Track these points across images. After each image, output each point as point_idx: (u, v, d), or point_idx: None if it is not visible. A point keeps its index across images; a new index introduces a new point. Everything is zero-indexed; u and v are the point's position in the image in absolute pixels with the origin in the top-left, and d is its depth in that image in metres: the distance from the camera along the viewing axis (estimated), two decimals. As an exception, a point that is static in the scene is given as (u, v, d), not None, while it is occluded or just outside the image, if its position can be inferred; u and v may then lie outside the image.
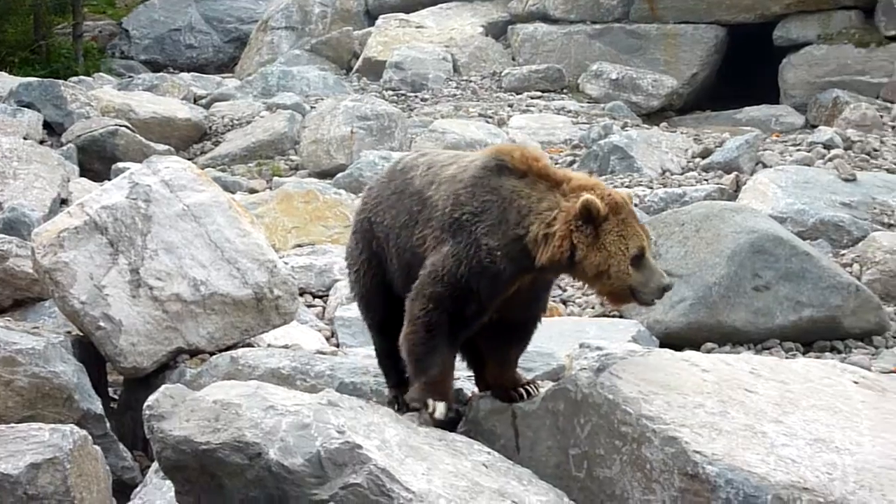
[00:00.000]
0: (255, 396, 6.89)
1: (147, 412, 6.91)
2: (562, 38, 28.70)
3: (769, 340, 13.23)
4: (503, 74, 27.45)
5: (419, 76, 27.12)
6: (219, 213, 10.51)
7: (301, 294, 13.21)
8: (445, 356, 7.33)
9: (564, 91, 26.85)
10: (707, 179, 19.03)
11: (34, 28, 34.13)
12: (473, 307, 7.23)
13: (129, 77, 29.65)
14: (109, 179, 13.33)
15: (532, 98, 25.88)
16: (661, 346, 11.70)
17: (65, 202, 16.53)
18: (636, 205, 16.02)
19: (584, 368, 7.53)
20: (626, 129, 22.33)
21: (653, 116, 25.76)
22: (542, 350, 9.02)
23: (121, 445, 9.66)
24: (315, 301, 14.11)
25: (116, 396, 10.77)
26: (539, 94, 26.27)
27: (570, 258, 7.04)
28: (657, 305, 13.13)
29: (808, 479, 6.57)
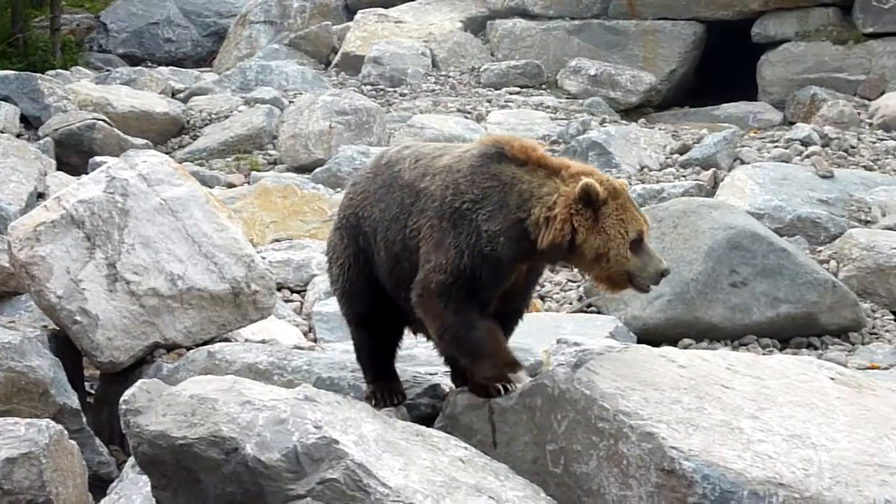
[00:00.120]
0: (232, 391, 6.88)
1: (123, 407, 6.90)
2: (540, 34, 28.69)
3: (746, 337, 13.27)
4: (482, 70, 27.43)
5: (398, 71, 27.08)
6: (196, 208, 10.48)
7: (279, 289, 13.19)
8: (488, 326, 7.33)
9: (543, 87, 26.83)
10: (685, 176, 19.06)
11: (11, 21, 33.95)
12: (483, 295, 7.28)
13: (107, 71, 29.56)
14: (87, 173, 13.31)
15: (510, 94, 25.87)
16: (639, 342, 11.72)
17: (42, 196, 16.47)
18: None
19: (562, 364, 7.55)
20: (605, 125, 22.35)
21: (631, 112, 25.75)
22: (520, 345, 9.01)
23: (97, 440, 9.63)
24: (293, 296, 14.10)
25: (93, 391, 10.73)
26: (517, 90, 26.25)
27: (571, 242, 7.13)
28: (635, 301, 13.26)
29: (785, 475, 6.59)
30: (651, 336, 12.60)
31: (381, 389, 7.90)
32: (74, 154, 20.49)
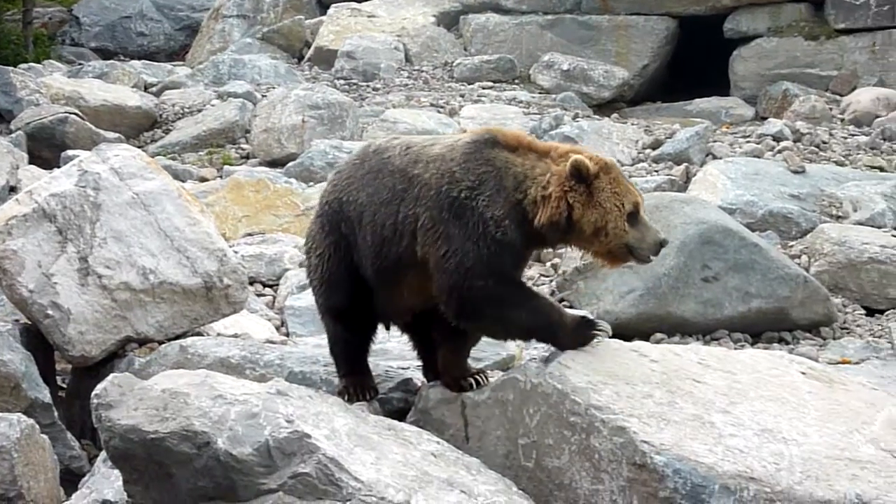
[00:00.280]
0: (204, 385, 6.88)
1: (95, 401, 6.89)
2: (514, 29, 28.70)
3: (718, 331, 13.29)
4: (455, 64, 27.42)
5: (371, 65, 27.05)
6: (168, 202, 10.46)
7: (251, 283, 13.16)
8: (544, 297, 7.56)
9: (516, 81, 26.84)
10: (657, 170, 19.08)
11: (-17, 15, 33.86)
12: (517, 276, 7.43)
13: (80, 64, 29.41)
14: (59, 167, 13.23)
15: (483, 88, 25.86)
16: (611, 337, 11.73)
17: (13, 190, 16.40)
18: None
19: (534, 358, 7.58)
20: (578, 120, 22.35)
21: (604, 107, 25.78)
22: (492, 340, 9.03)
23: (69, 434, 9.59)
24: (265, 290, 14.06)
25: (65, 385, 10.69)
26: (491, 85, 26.26)
27: (568, 219, 7.21)
28: (607, 296, 13.28)
29: (756, 469, 6.62)
30: (623, 330, 12.58)
31: (354, 384, 7.89)
32: (46, 148, 20.40)
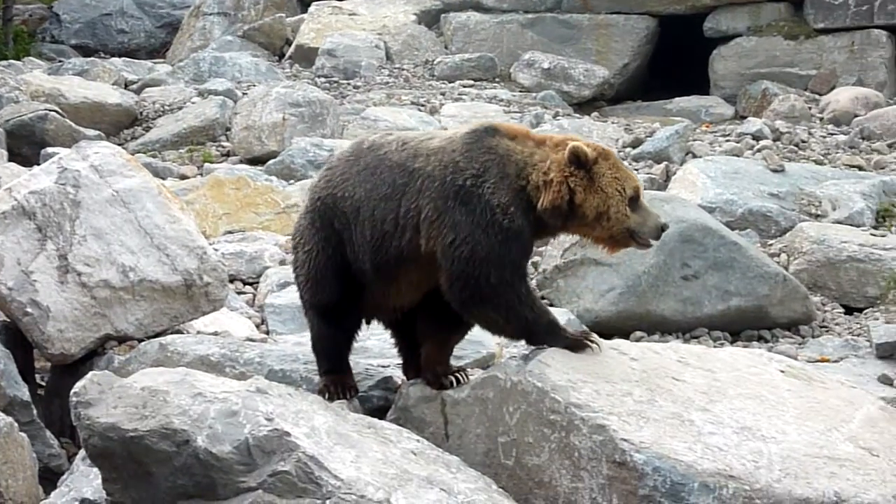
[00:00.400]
0: (184, 383, 6.87)
1: (74, 399, 6.87)
2: (494, 28, 28.69)
3: (697, 329, 13.33)
4: (436, 63, 27.39)
5: (351, 63, 27.01)
6: (148, 199, 10.44)
7: (231, 281, 13.14)
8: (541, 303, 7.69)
9: (496, 80, 26.83)
10: (637, 169, 19.08)
11: (-37, 12, 33.70)
12: (523, 269, 7.45)
13: (60, 62, 29.32)
14: (38, 164, 13.21)
15: (464, 86, 25.84)
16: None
17: (-8, 187, 16.35)
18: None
19: (514, 356, 7.59)
20: (558, 119, 22.37)
21: (584, 106, 25.78)
22: (473, 338, 9.02)
23: (48, 432, 9.57)
24: (245, 288, 14.04)
25: (44, 383, 10.67)
26: (471, 83, 26.23)
27: (570, 204, 7.28)
28: (587, 294, 13.30)
29: (735, 467, 6.64)
30: (603, 328, 12.61)
31: (335, 383, 7.88)
32: (26, 145, 20.31)
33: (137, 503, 6.79)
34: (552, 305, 13.30)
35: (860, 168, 18.83)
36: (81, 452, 7.92)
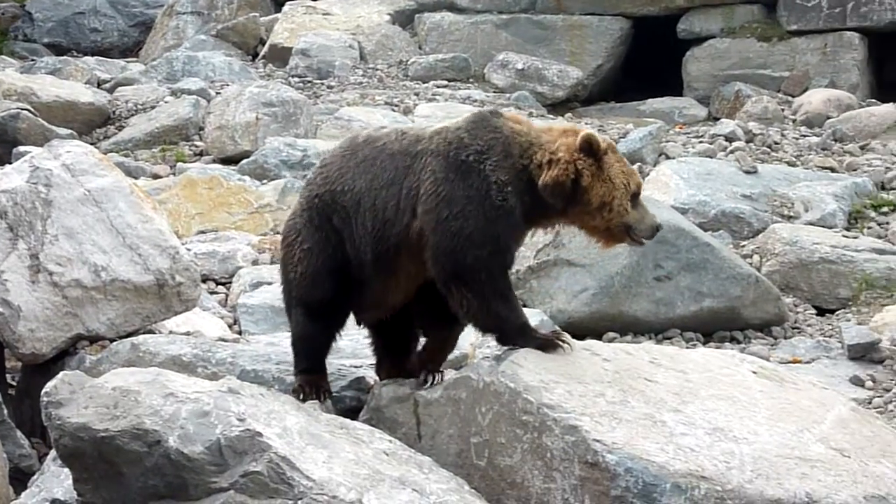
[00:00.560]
0: (155, 383, 6.84)
1: (45, 399, 6.84)
2: (468, 28, 28.68)
3: (670, 330, 13.36)
4: (409, 63, 27.37)
5: (325, 63, 26.96)
6: (121, 199, 10.40)
7: (204, 281, 13.10)
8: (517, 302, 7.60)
9: (470, 80, 26.81)
10: (611, 170, 19.09)
11: (-65, 9, 33.56)
12: (508, 260, 7.45)
13: (32, 60, 29.18)
14: (10, 163, 13.15)
15: (438, 87, 25.82)
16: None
17: (-36, 186, 16.28)
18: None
19: (487, 357, 7.59)
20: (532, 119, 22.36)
21: (558, 107, 25.78)
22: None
23: (18, 433, 9.52)
24: (218, 288, 14.01)
25: (14, 383, 10.63)
26: (445, 83, 26.21)
27: (575, 185, 7.28)
28: (560, 294, 13.32)
29: (707, 468, 6.65)
30: (576, 329, 12.61)
31: (310, 384, 7.85)
32: (-3, 144, 20.27)
33: (108, 503, 6.77)
34: (525, 306, 13.27)
35: (832, 170, 18.88)
36: (52, 453, 7.89)
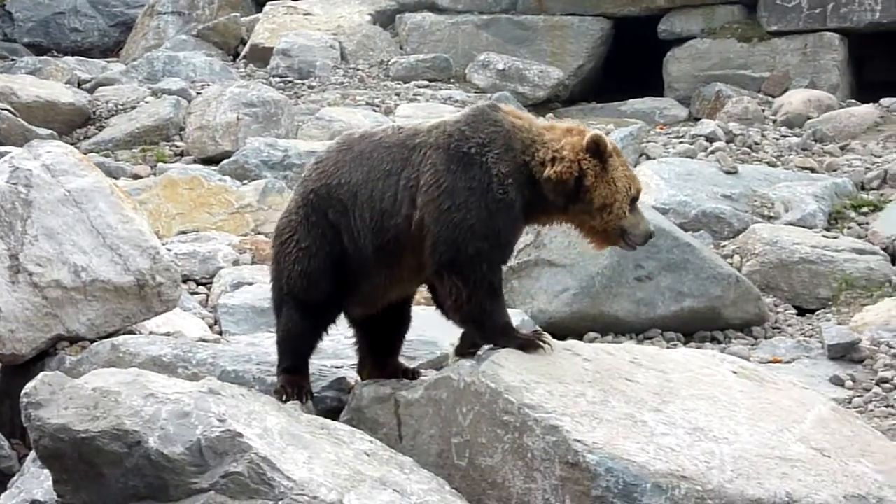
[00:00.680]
0: (136, 384, 6.83)
1: (24, 400, 6.83)
2: (449, 28, 28.69)
3: (651, 330, 13.37)
4: (390, 63, 27.36)
5: (306, 63, 26.94)
6: (101, 199, 10.38)
7: (184, 281, 13.08)
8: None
9: (451, 81, 26.82)
10: (591, 171, 19.10)
11: (-86, 10, 33.48)
12: (506, 255, 7.51)
13: (12, 60, 29.11)
14: (-11, 163, 13.12)
15: (419, 87, 25.81)
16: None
17: (-57, 186, 16.22)
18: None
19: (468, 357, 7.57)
20: (513, 120, 22.34)
21: (539, 107, 25.77)
22: (426, 339, 9.04)
23: (-2, 434, 9.53)
24: (198, 288, 13.99)
25: (-6, 384, 10.61)
26: (426, 84, 26.21)
27: (578, 183, 7.29)
28: (541, 295, 13.32)
29: (687, 468, 6.66)
30: (557, 329, 12.60)
31: (292, 384, 7.84)
32: (-23, 144, 20.20)
33: (88, 504, 6.77)
34: (507, 306, 13.30)
35: (813, 170, 18.92)
36: (32, 454, 7.86)
